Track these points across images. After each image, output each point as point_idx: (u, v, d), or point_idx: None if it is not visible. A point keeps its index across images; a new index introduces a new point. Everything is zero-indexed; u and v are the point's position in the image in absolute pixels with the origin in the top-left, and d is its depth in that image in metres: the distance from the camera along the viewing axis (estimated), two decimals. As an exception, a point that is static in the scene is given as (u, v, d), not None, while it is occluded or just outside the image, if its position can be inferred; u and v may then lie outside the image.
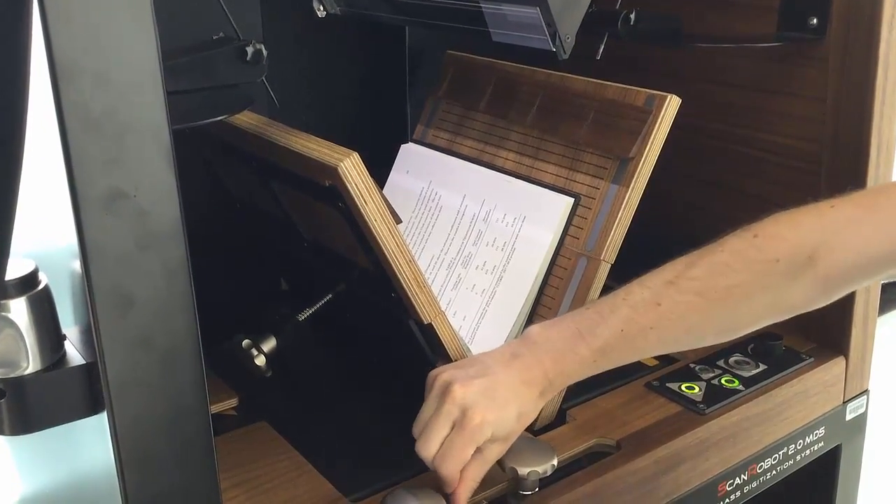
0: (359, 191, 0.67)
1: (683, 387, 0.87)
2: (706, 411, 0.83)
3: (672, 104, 0.80)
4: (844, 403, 0.96)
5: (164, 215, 0.46)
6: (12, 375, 0.50)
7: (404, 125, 1.10)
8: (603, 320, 0.69)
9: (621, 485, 0.76)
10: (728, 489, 0.85)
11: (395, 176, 1.00)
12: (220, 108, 0.69)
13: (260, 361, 0.80)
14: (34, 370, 0.51)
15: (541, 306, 0.84)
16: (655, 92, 0.81)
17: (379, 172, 0.85)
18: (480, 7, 0.79)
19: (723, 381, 0.88)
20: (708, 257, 0.69)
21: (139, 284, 0.46)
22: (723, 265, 0.68)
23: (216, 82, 0.68)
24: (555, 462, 0.71)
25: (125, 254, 0.45)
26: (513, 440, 0.69)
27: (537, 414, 0.71)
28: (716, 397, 0.85)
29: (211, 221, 0.96)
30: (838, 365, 0.93)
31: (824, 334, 0.94)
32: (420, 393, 0.83)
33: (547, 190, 0.86)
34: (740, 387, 0.87)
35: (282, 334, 0.82)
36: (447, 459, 0.67)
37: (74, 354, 0.52)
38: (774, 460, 0.89)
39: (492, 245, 0.88)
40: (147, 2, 0.44)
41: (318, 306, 0.84)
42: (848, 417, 0.96)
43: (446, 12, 0.84)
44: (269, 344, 0.81)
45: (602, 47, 0.84)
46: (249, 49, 0.68)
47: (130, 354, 0.47)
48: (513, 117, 0.93)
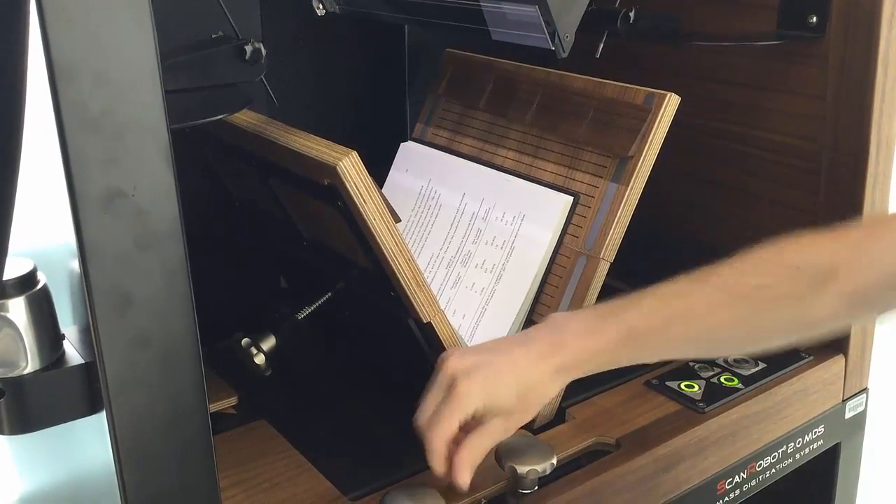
0: (358, 189, 0.67)
1: (683, 385, 0.87)
2: (705, 410, 0.83)
3: (671, 102, 0.80)
4: (844, 402, 0.96)
5: (163, 214, 0.46)
6: (11, 375, 0.50)
7: (403, 124, 1.10)
8: (631, 305, 0.69)
9: (621, 483, 0.76)
10: (727, 487, 0.85)
11: (395, 174, 1.00)
12: (219, 107, 0.69)
13: (259, 360, 0.80)
14: (33, 370, 0.51)
15: (540, 305, 0.84)
16: (655, 90, 0.81)
17: (378, 171, 0.85)
18: (480, 6, 0.79)
19: (722, 380, 0.88)
20: (733, 261, 0.69)
21: (138, 284, 0.46)
22: (749, 266, 0.69)
23: (215, 81, 0.68)
24: (554, 461, 0.71)
25: (124, 253, 0.45)
26: (518, 417, 0.68)
27: (553, 393, 0.69)
28: (715, 396, 0.85)
29: (210, 220, 0.96)
30: (837, 363, 0.94)
31: (824, 332, 0.94)
32: (419, 391, 0.83)
33: (546, 188, 0.86)
34: (740, 385, 0.87)
35: (281, 333, 0.82)
36: (432, 427, 0.67)
37: (73, 354, 0.52)
38: (774, 459, 0.89)
39: (491, 244, 0.88)
40: (145, 1, 0.43)
41: (318, 305, 0.84)
42: (847, 416, 0.96)
43: (446, 11, 0.84)
44: (269, 343, 0.81)
45: (601, 46, 0.84)
46: (248, 48, 0.68)
47: (129, 354, 0.47)
48: (512, 116, 0.93)
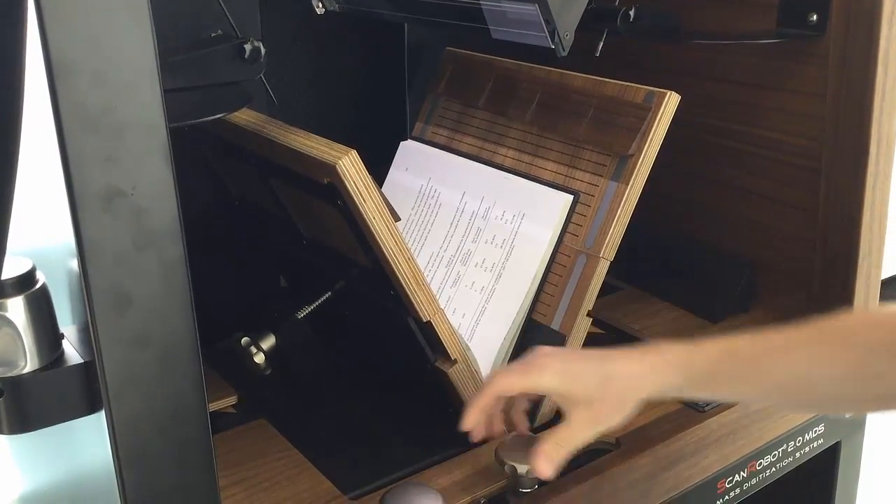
0: (357, 188, 0.67)
1: (683, 384, 0.87)
2: (706, 408, 0.83)
3: (671, 101, 0.80)
4: (844, 400, 0.96)
5: (162, 213, 0.46)
6: (10, 374, 0.50)
7: (403, 122, 1.10)
8: (729, 337, 0.68)
9: (621, 482, 0.76)
10: (728, 486, 0.85)
11: (394, 173, 1.00)
12: (219, 106, 0.69)
13: (259, 359, 0.80)
14: (32, 369, 0.51)
15: (540, 303, 0.84)
16: (655, 89, 0.81)
17: (378, 170, 0.85)
18: (480, 4, 0.79)
19: (722, 379, 0.88)
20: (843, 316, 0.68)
21: (137, 283, 0.46)
22: (836, 316, 0.67)
23: (214, 80, 0.68)
24: (554, 460, 0.71)
25: (123, 252, 0.45)
26: (603, 407, 0.66)
27: (645, 388, 0.67)
28: (715, 394, 0.85)
29: (209, 219, 0.96)
30: (838, 362, 0.93)
31: (824, 331, 0.94)
32: (419, 390, 0.83)
33: (546, 187, 0.86)
34: (740, 384, 0.86)
35: (281, 332, 0.82)
36: (494, 377, 0.70)
37: (72, 353, 0.52)
38: (774, 457, 0.89)
39: (491, 242, 0.88)
40: (144, 0, 0.43)
41: (318, 304, 0.84)
42: (847, 414, 0.96)
43: (445, 9, 0.84)
44: (269, 342, 0.81)
45: (601, 44, 0.84)
46: (247, 46, 0.68)
47: (128, 353, 0.47)
48: (512, 114, 0.93)
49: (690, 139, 1.02)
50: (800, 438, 0.91)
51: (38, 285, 0.52)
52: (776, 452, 0.89)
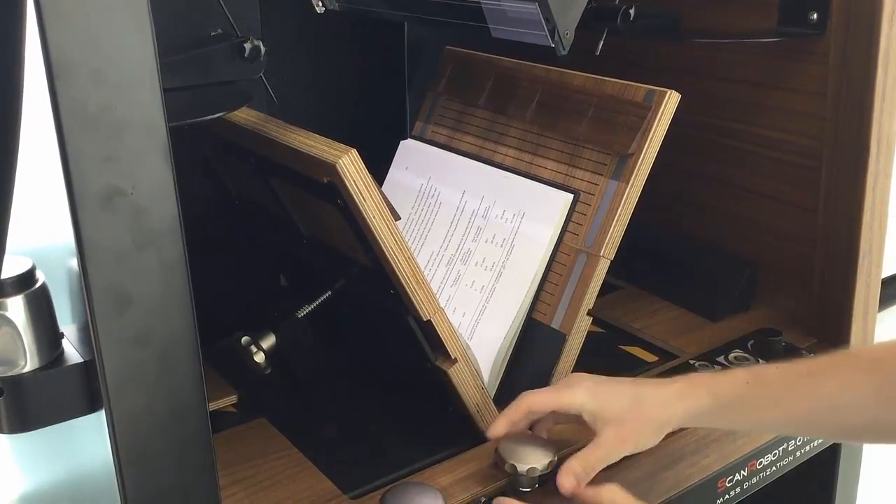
0: (357, 187, 0.67)
1: (683, 383, 0.86)
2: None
3: (671, 100, 0.80)
4: (844, 399, 0.95)
5: (162, 212, 0.46)
6: (10, 374, 0.50)
7: (403, 121, 1.10)
8: (755, 366, 0.73)
9: (621, 481, 0.75)
10: (728, 485, 0.85)
11: (395, 172, 1.00)
12: (218, 105, 0.69)
13: (259, 358, 0.80)
14: (32, 368, 0.51)
15: (540, 302, 0.83)
16: (655, 87, 0.81)
17: (378, 169, 0.85)
18: (480, 3, 0.79)
19: (723, 378, 0.87)
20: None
21: (137, 282, 0.46)
22: (861, 347, 0.70)
23: (214, 79, 0.68)
24: (555, 459, 0.71)
25: (123, 251, 0.45)
26: (634, 427, 0.69)
27: (672, 410, 0.69)
28: (716, 393, 0.85)
29: (209, 218, 0.96)
30: (838, 361, 0.93)
31: (825, 330, 0.94)
32: (419, 389, 0.83)
33: (546, 186, 0.86)
34: (740, 383, 0.86)
35: (281, 331, 0.81)
36: (526, 393, 0.72)
37: (72, 352, 0.52)
38: (774, 456, 0.89)
39: (491, 241, 0.88)
40: (144, -2, 0.43)
41: (318, 303, 0.84)
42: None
43: (445, 8, 0.84)
44: (269, 341, 0.81)
45: (602, 43, 0.84)
46: (247, 45, 0.68)
47: (128, 352, 0.47)
48: (512, 113, 0.93)
49: (691, 138, 1.02)
50: (800, 438, 0.90)
51: (38, 284, 0.52)
52: (776, 451, 0.89)
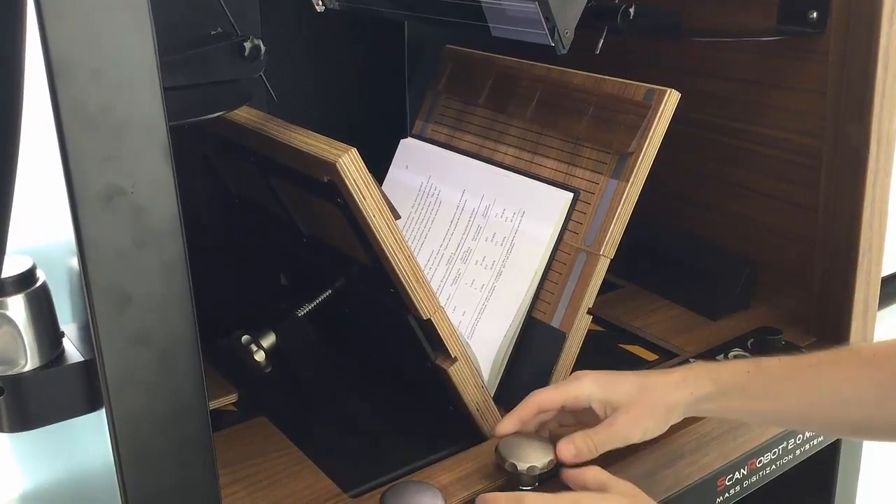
0: (357, 186, 0.67)
1: (683, 381, 0.86)
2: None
3: (671, 98, 0.80)
4: (844, 398, 0.96)
5: (162, 211, 0.46)
6: (10, 373, 0.50)
7: (403, 120, 1.10)
8: (758, 357, 0.74)
9: (621, 479, 0.76)
10: (728, 484, 0.85)
11: (395, 171, 1.00)
12: (218, 104, 0.69)
13: (259, 357, 0.80)
14: (32, 367, 0.51)
15: (540, 301, 0.84)
16: (655, 86, 0.80)
17: (378, 167, 0.85)
18: (480, 2, 0.79)
19: (722, 376, 0.87)
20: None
21: (137, 281, 0.46)
22: (864, 344, 0.72)
23: (214, 78, 0.68)
24: (554, 457, 0.71)
25: (123, 250, 0.45)
26: (642, 412, 0.70)
27: (677, 398, 0.71)
28: (715, 392, 0.85)
29: (209, 217, 0.96)
30: (838, 359, 0.93)
31: (824, 328, 0.94)
32: (420, 388, 0.83)
33: (546, 185, 0.86)
34: (740, 381, 0.86)
35: (281, 330, 0.81)
36: (534, 392, 0.73)
37: (73, 351, 0.52)
38: (774, 455, 0.89)
39: (491, 240, 0.88)
40: (144, -3, 0.43)
41: (318, 302, 0.84)
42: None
43: (445, 7, 0.84)
44: (269, 340, 0.81)
45: (601, 42, 0.84)
46: (247, 44, 0.67)
47: (129, 351, 0.47)
48: (512, 112, 0.93)
49: (690, 137, 1.02)
50: (800, 436, 0.91)
51: (39, 283, 0.52)
52: (776, 450, 0.89)
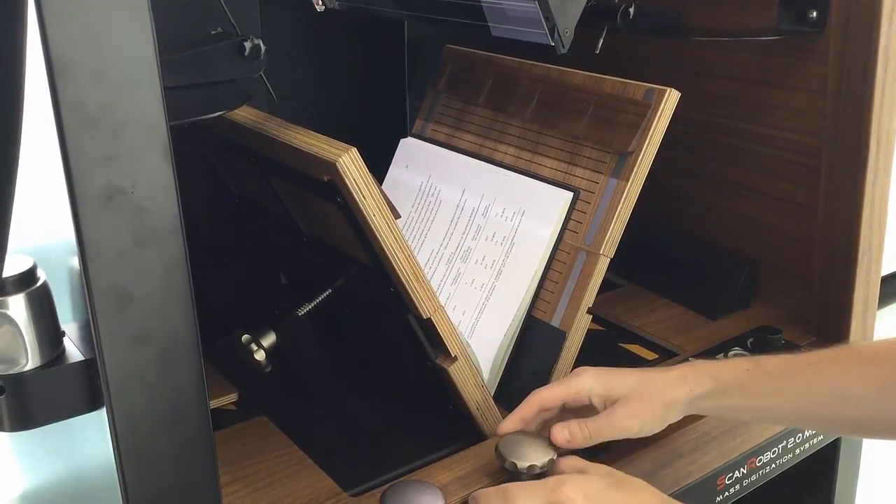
0: (357, 186, 0.67)
1: (683, 381, 0.87)
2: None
3: (671, 98, 0.80)
4: (844, 397, 0.96)
5: (162, 211, 0.46)
6: (11, 372, 0.50)
7: (403, 119, 1.10)
8: (760, 356, 0.74)
9: (621, 479, 0.76)
10: (727, 482, 0.85)
11: (395, 170, 1.00)
12: (219, 104, 0.69)
13: (259, 356, 0.80)
14: (33, 367, 0.51)
15: (540, 300, 0.84)
16: (654, 86, 0.81)
17: (378, 167, 0.85)
18: (480, 2, 0.79)
19: (722, 375, 0.88)
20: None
21: (137, 280, 0.46)
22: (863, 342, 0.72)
23: (214, 78, 0.68)
24: (554, 456, 0.71)
25: (123, 250, 0.45)
26: (641, 406, 0.70)
27: (675, 394, 0.71)
28: (715, 391, 0.85)
29: (210, 217, 0.96)
30: (838, 358, 0.93)
31: (824, 327, 0.94)
32: (419, 387, 0.83)
33: (546, 184, 0.86)
34: (740, 381, 0.86)
35: (281, 330, 0.82)
36: (535, 391, 0.73)
37: (73, 351, 0.52)
38: (774, 454, 0.89)
39: (491, 240, 0.88)
40: (144, -3, 0.43)
41: (318, 302, 0.84)
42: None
43: (445, 7, 0.84)
44: (269, 339, 0.81)
45: (601, 41, 0.84)
46: (247, 44, 0.68)
47: (129, 350, 0.47)
48: (512, 111, 0.93)
49: (690, 136, 1.02)
50: (800, 435, 0.91)
51: (39, 283, 0.52)
52: (776, 449, 0.89)
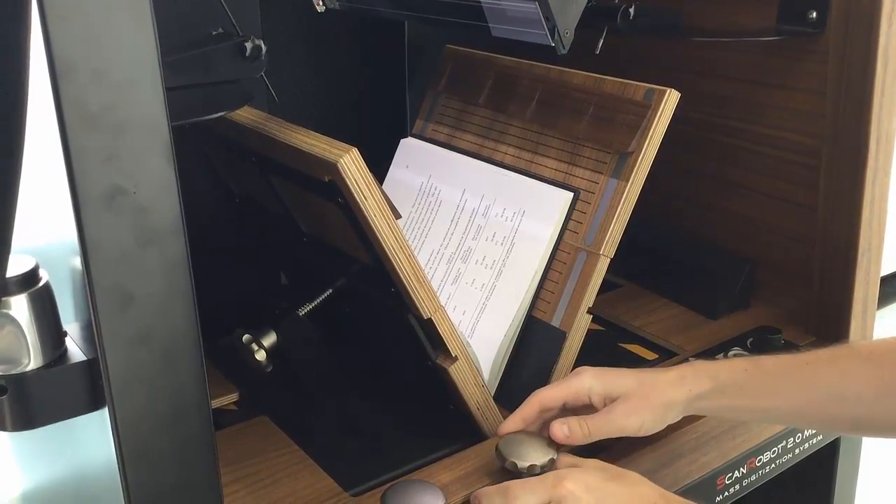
0: (358, 186, 0.67)
1: (683, 380, 0.87)
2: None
3: (671, 98, 0.80)
4: (844, 397, 0.96)
5: (164, 211, 0.46)
6: (14, 372, 0.50)
7: (404, 120, 1.10)
8: (759, 356, 0.74)
9: (621, 478, 0.76)
10: (727, 482, 0.85)
11: (395, 170, 1.00)
12: (220, 104, 0.69)
13: (260, 356, 0.80)
14: (35, 367, 0.51)
15: (540, 300, 0.84)
16: (654, 86, 0.81)
17: (378, 167, 0.85)
18: (480, 2, 0.79)
19: (722, 375, 0.88)
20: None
21: (139, 280, 0.46)
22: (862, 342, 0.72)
23: (215, 78, 0.68)
24: (554, 455, 0.71)
25: (125, 250, 0.45)
26: (641, 403, 0.71)
27: (674, 395, 0.71)
28: (715, 391, 0.85)
29: (211, 217, 0.96)
30: (837, 358, 0.94)
31: (824, 327, 0.95)
32: (420, 387, 0.83)
33: (546, 185, 0.86)
34: (740, 380, 0.87)
35: (282, 329, 0.82)
36: (536, 392, 0.74)
37: (75, 351, 0.52)
38: (773, 454, 0.89)
39: (491, 240, 0.88)
40: (146, -2, 0.44)
41: (318, 301, 0.84)
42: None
43: (445, 7, 0.84)
44: (270, 339, 0.81)
45: (601, 42, 0.84)
46: (248, 45, 0.68)
47: (131, 350, 0.47)
48: (512, 112, 0.93)
49: (690, 136, 1.02)
50: (799, 435, 0.91)
51: (42, 283, 0.52)
52: (776, 449, 0.89)
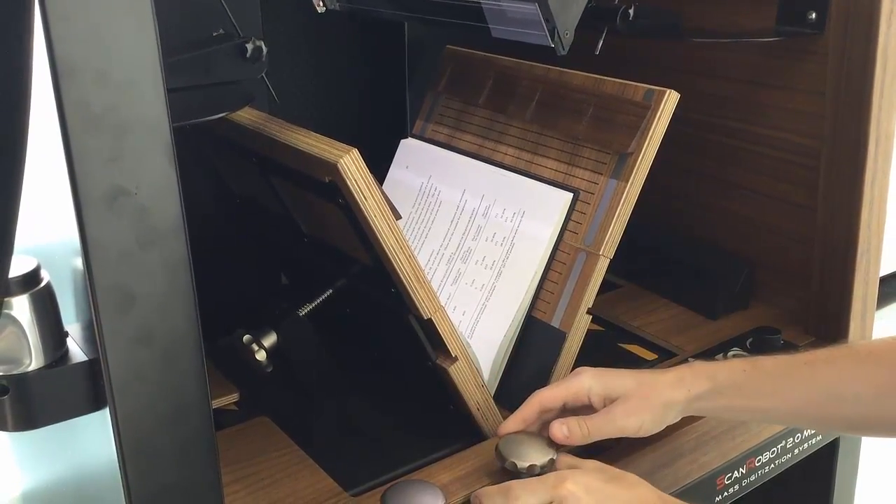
0: (358, 187, 0.67)
1: (682, 381, 0.87)
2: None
3: (671, 99, 0.80)
4: (843, 397, 0.96)
5: (165, 212, 0.46)
6: (15, 372, 0.51)
7: (404, 120, 1.10)
8: (757, 356, 0.75)
9: (621, 478, 0.76)
10: (727, 482, 0.86)
11: (395, 171, 1.01)
12: (221, 105, 0.69)
13: (261, 356, 0.80)
14: (37, 367, 0.51)
15: (540, 301, 0.84)
16: (654, 87, 0.81)
17: (378, 168, 0.85)
18: (480, 3, 0.79)
19: (722, 375, 0.88)
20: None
21: (140, 281, 0.46)
22: (860, 342, 0.72)
23: (216, 79, 0.68)
24: (554, 455, 0.71)
25: (126, 251, 0.46)
26: (641, 404, 0.71)
27: (673, 396, 0.72)
28: (715, 391, 0.85)
29: (212, 218, 0.96)
30: (837, 358, 0.94)
31: (823, 327, 0.95)
32: (420, 387, 0.83)
33: (546, 185, 0.86)
34: (739, 381, 0.87)
35: (282, 330, 0.82)
36: (536, 392, 0.74)
37: (76, 351, 0.53)
38: (773, 454, 0.89)
39: (491, 240, 0.88)
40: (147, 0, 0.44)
41: (319, 302, 0.84)
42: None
43: (446, 8, 0.84)
44: (270, 339, 0.81)
45: (601, 42, 0.85)
46: (249, 46, 0.68)
47: (132, 351, 0.47)
48: (512, 112, 0.93)
49: (690, 137, 1.02)
50: (799, 435, 0.91)
51: (43, 283, 0.52)
52: (775, 449, 0.89)
